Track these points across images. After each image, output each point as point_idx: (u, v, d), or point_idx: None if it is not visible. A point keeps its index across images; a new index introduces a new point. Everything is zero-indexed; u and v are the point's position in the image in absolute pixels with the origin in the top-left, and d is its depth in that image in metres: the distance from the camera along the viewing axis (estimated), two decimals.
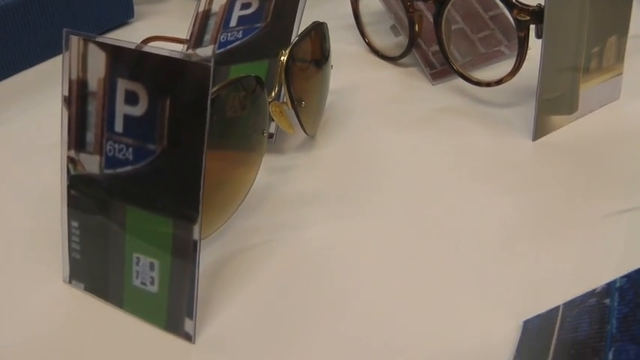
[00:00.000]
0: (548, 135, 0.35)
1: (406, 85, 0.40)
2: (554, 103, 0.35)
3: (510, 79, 0.35)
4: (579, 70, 0.35)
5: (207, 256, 0.29)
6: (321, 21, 0.35)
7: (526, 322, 0.25)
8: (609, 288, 0.21)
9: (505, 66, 0.37)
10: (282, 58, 0.31)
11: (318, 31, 0.35)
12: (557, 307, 0.23)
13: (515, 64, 0.35)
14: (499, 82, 0.36)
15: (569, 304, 0.23)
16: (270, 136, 0.34)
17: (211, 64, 0.22)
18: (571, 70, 0.35)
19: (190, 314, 0.25)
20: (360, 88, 0.40)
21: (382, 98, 0.39)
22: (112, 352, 0.25)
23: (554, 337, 0.22)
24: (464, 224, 0.30)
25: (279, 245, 0.30)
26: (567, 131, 0.36)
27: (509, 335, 0.25)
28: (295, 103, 0.32)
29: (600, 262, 0.28)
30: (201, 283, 0.26)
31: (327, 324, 0.26)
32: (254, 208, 0.32)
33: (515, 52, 0.35)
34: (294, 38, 0.34)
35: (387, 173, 0.34)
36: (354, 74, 0.42)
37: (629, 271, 0.21)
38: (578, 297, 0.23)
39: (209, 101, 0.23)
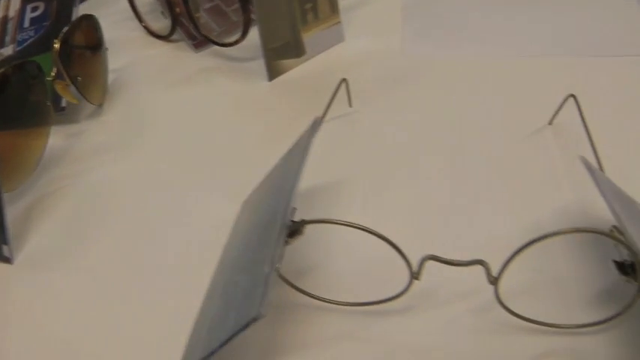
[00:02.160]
0: (283, 75, 0.46)
1: (176, 56, 0.50)
2: (280, 50, 0.46)
3: (243, 38, 0.46)
4: (297, 22, 0.46)
5: (20, 199, 0.37)
6: (92, 14, 0.44)
7: None
8: None
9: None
10: (55, 45, 0.40)
11: (87, 22, 0.44)
12: None
13: (243, 27, 0.45)
14: (236, 42, 0.46)
15: None
16: (63, 108, 0.43)
17: None
18: (288, 23, 0.46)
19: (6, 241, 0.34)
20: (139, 64, 0.50)
21: (157, 69, 0.49)
22: None
23: None
24: (228, 144, 0.40)
25: (76, 187, 0.39)
26: (299, 70, 0.47)
27: None
28: (72, 79, 0.41)
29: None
30: (17, 219, 0.35)
31: (112, 237, 0.35)
32: (55, 164, 0.40)
33: None
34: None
35: (163, 125, 0.43)
36: (135, 54, 0.51)
37: None
38: None
39: None
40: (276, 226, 0.27)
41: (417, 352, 0.28)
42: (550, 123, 0.40)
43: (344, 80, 0.40)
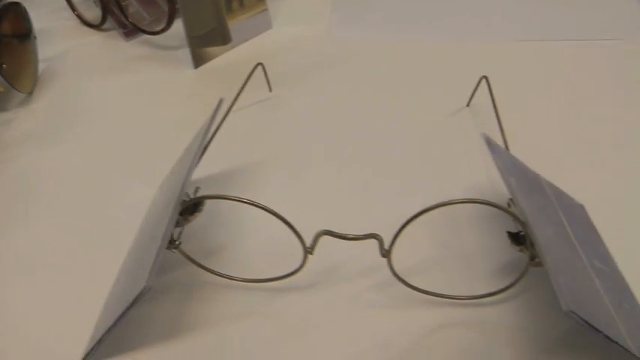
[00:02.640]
0: (209, 63, 0.48)
1: (107, 45, 0.51)
2: (205, 38, 0.47)
3: (168, 27, 0.47)
4: (222, 10, 0.47)
5: None
6: (19, 2, 0.45)
7: None
8: None
9: None
10: None
11: (14, 9, 0.45)
12: None
13: (168, 16, 0.46)
14: (162, 30, 0.47)
15: None
16: None
17: None
18: (213, 11, 0.47)
19: None
20: (71, 52, 0.51)
21: (88, 58, 0.50)
22: None
23: None
24: (151, 131, 0.42)
25: (2, 173, 0.40)
26: (225, 57, 0.48)
27: None
28: None
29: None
30: None
31: (37, 222, 0.36)
32: None
33: None
34: None
35: (90, 112, 0.44)
36: (68, 43, 0.52)
37: None
38: None
39: None
40: (172, 204, 0.28)
41: (318, 326, 0.30)
42: (468, 105, 0.42)
43: (259, 65, 0.41)
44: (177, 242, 0.30)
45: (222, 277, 0.31)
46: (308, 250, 0.29)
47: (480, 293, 0.30)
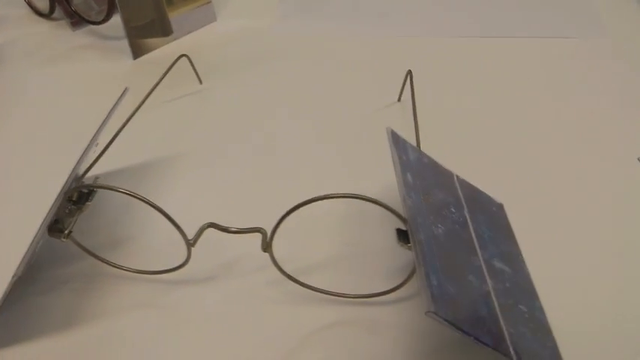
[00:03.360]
0: (149, 54, 0.47)
1: (55, 34, 0.51)
2: (144, 29, 0.47)
3: (108, 17, 0.47)
4: (161, 2, 0.47)
5: None
6: None
7: None
8: None
9: None
10: None
11: None
12: None
13: (108, 6, 0.46)
14: (103, 21, 0.47)
15: None
16: None
17: None
18: (152, 2, 0.46)
19: None
20: (19, 40, 0.51)
21: (35, 46, 0.50)
22: None
23: None
24: (78, 121, 0.41)
25: None
26: (165, 49, 0.48)
27: None
28: None
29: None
30: None
31: None
32: None
33: None
34: None
35: (28, 100, 0.44)
36: (18, 31, 0.52)
37: None
38: None
39: None
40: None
41: (210, 320, 0.29)
42: (399, 100, 0.41)
43: (183, 56, 0.40)
44: (67, 232, 0.29)
45: (114, 267, 0.31)
46: (190, 243, 0.28)
47: (372, 292, 0.29)
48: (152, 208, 0.27)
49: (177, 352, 0.27)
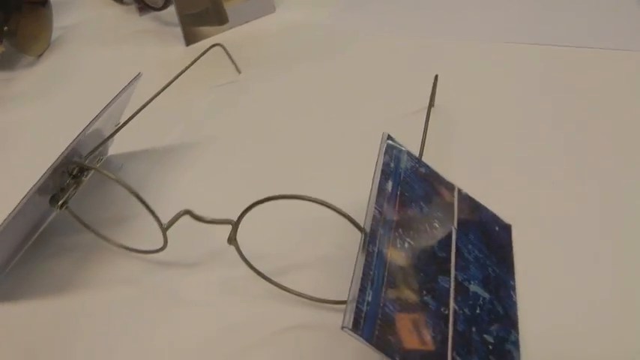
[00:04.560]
0: (203, 41, 0.49)
1: (122, 18, 0.54)
2: (199, 17, 0.48)
3: (167, 5, 0.48)
4: None
5: None
6: None
7: None
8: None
9: None
10: None
11: None
12: None
13: None
14: (162, 7, 0.49)
15: None
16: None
17: None
18: None
19: None
20: (88, 22, 0.54)
21: (101, 29, 0.53)
22: None
23: None
24: None
25: None
26: (221, 37, 0.49)
27: None
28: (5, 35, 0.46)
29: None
30: None
31: None
32: None
33: None
34: None
35: (83, 79, 0.47)
36: (89, 13, 0.55)
37: None
38: None
39: None
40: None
41: (181, 303, 0.29)
42: (432, 105, 0.40)
43: (216, 45, 0.41)
44: (61, 202, 0.31)
45: (102, 238, 0.32)
46: (164, 228, 0.29)
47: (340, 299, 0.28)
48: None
49: (148, 329, 0.28)
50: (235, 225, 0.27)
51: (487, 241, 0.30)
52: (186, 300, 0.30)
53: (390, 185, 0.28)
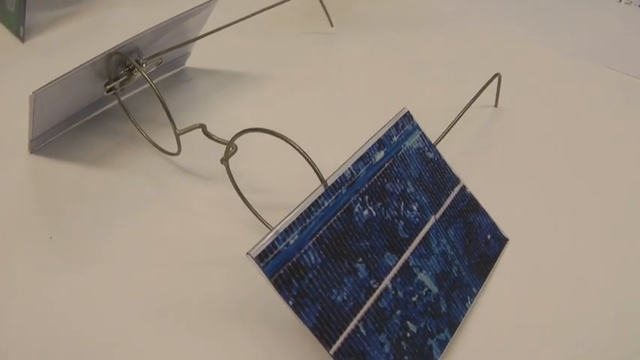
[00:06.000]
0: None
1: None
2: None
3: None
4: None
5: None
6: None
7: None
8: None
9: None
10: None
11: None
12: None
13: None
14: None
15: None
16: None
17: None
18: None
19: (23, 23, 0.45)
20: None
21: None
22: None
23: None
24: None
25: None
26: None
27: None
28: None
29: None
30: None
31: None
32: None
33: None
34: None
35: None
36: None
37: None
38: None
39: None
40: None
41: (189, 212, 0.32)
42: (496, 105, 0.39)
43: None
44: (110, 88, 0.34)
45: (134, 124, 0.36)
46: (177, 133, 0.31)
47: None
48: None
49: (147, 222, 0.31)
50: (228, 146, 0.29)
51: (468, 243, 0.30)
52: (186, 206, 0.32)
53: (380, 155, 0.28)
